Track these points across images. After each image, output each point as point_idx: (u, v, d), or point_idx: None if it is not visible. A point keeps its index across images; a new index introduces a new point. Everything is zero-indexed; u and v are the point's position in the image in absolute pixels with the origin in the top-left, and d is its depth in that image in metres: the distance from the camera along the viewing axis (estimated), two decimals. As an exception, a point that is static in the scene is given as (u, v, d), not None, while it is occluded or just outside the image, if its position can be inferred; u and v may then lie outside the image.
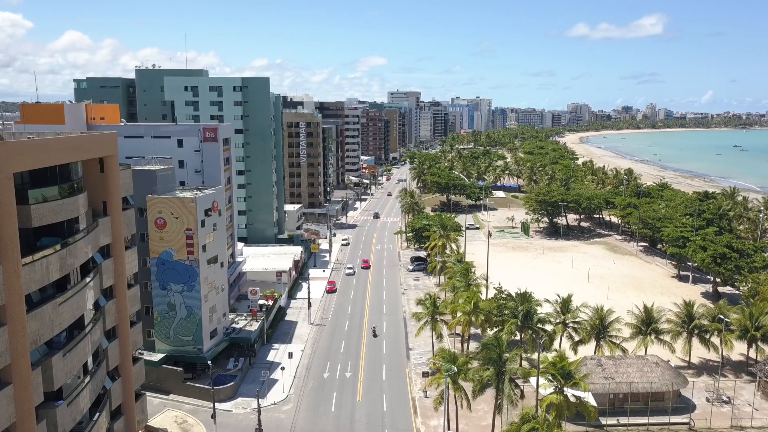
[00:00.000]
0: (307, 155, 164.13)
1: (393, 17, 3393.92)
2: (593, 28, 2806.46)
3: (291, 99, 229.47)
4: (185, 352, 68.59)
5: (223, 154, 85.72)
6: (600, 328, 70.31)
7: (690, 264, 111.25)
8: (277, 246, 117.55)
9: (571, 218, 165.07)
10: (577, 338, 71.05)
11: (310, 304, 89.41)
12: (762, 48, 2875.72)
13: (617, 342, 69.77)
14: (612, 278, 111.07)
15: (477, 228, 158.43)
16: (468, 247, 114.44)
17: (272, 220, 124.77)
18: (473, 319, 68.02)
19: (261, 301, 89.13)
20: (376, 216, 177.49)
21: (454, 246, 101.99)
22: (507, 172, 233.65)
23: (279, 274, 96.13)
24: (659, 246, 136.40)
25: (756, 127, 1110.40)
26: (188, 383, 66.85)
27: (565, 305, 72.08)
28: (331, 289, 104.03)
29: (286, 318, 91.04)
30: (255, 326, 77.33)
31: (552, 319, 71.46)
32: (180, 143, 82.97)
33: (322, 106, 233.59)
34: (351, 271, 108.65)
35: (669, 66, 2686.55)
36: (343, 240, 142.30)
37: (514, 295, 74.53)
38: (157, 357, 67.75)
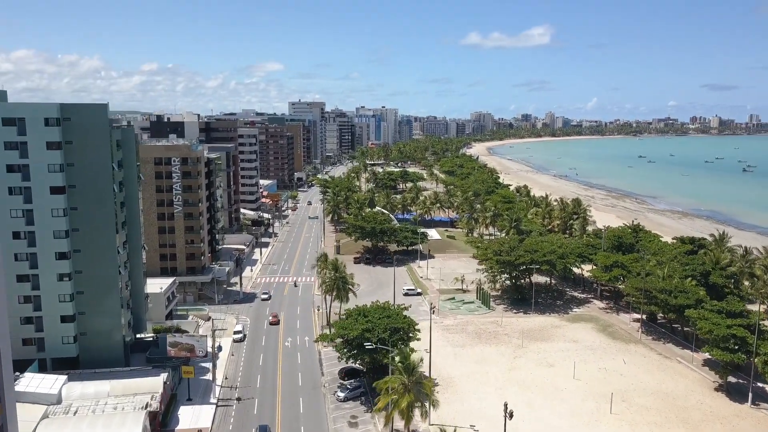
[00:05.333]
0: (183, 203, 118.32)
1: (287, 22, 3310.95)
2: (486, 37, 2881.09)
3: (168, 118, 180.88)
4: None
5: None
6: None
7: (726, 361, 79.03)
8: (123, 378, 72.30)
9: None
10: None
11: None
12: (637, 59, 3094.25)
13: None
14: (638, 400, 75.90)
15: (419, 294, 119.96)
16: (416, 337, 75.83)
17: (120, 320, 79.47)
18: None
19: None
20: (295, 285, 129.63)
21: (426, 405, 61.57)
22: (438, 204, 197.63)
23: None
24: (659, 317, 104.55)
25: (645, 134, 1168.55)
26: None
27: None
28: (212, 470, 61.00)
29: None
30: None
31: None
32: None
33: (209, 127, 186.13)
34: None
35: (557, 74, 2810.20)
36: (235, 333, 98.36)
37: None
38: None
